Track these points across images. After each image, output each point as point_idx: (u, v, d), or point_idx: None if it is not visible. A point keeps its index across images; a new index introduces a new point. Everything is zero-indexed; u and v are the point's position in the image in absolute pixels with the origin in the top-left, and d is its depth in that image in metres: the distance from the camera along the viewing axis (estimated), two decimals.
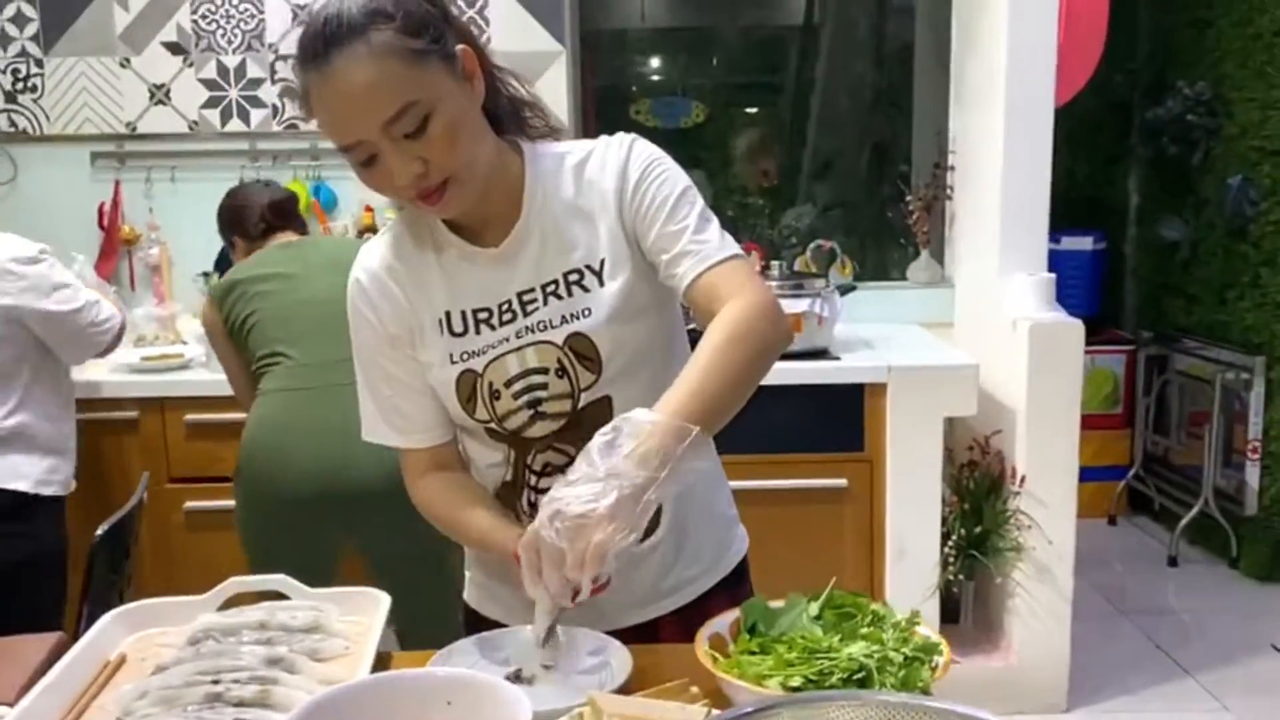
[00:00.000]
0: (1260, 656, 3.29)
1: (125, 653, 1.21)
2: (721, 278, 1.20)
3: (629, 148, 1.27)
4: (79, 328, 2.36)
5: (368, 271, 1.31)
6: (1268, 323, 3.82)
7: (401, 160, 1.13)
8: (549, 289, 1.25)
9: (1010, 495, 2.96)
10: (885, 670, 0.97)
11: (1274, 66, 3.74)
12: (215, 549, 2.77)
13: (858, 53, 4.47)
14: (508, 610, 1.36)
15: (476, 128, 1.19)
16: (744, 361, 1.14)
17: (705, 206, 1.26)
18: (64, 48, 3.33)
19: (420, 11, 1.14)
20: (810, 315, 2.93)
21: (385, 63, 1.10)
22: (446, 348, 1.27)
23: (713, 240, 1.23)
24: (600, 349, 1.24)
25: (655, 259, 1.25)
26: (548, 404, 1.26)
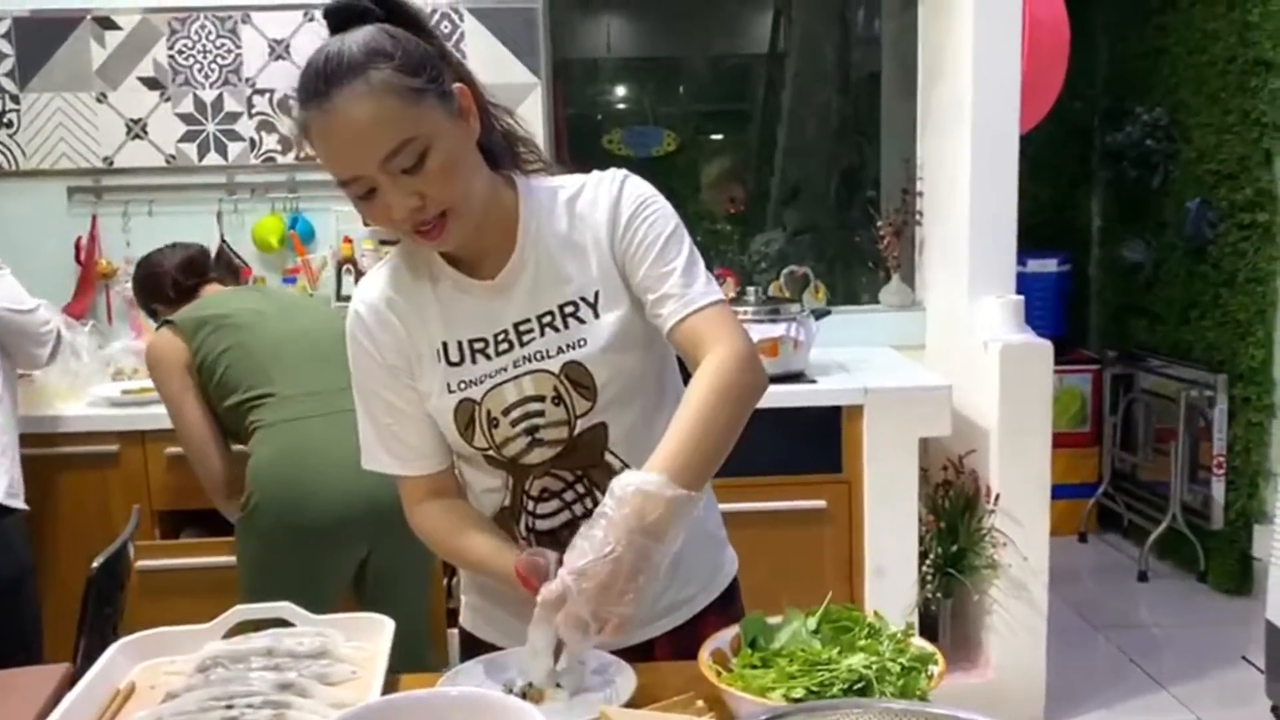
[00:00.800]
0: (1231, 667, 3.35)
1: (135, 681, 1.22)
2: (705, 323, 1.24)
3: (621, 185, 1.31)
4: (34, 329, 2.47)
5: (366, 303, 1.34)
6: (1229, 341, 3.92)
7: (399, 195, 1.16)
8: (545, 320, 1.29)
9: (985, 513, 3.02)
10: (884, 680, 1.00)
11: (1227, 93, 3.86)
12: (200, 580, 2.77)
13: (824, 81, 4.56)
14: (505, 633, 1.38)
15: (472, 163, 1.23)
16: (733, 416, 1.20)
17: (693, 248, 1.30)
18: (40, 83, 3.33)
19: (418, 52, 1.17)
20: (786, 340, 2.98)
21: (384, 100, 1.13)
22: (444, 377, 1.30)
23: (698, 285, 1.26)
24: (596, 377, 1.28)
25: (642, 296, 1.29)
26: (545, 431, 1.29)
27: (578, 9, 4.26)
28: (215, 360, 2.38)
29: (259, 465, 2.32)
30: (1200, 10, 3.99)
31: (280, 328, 2.42)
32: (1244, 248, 3.81)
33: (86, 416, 2.88)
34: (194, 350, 2.38)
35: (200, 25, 3.35)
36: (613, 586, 1.05)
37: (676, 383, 1.41)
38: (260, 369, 2.37)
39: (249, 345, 2.39)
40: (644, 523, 1.07)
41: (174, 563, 2.75)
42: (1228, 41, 3.84)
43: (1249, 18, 3.71)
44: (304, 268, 3.33)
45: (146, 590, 2.64)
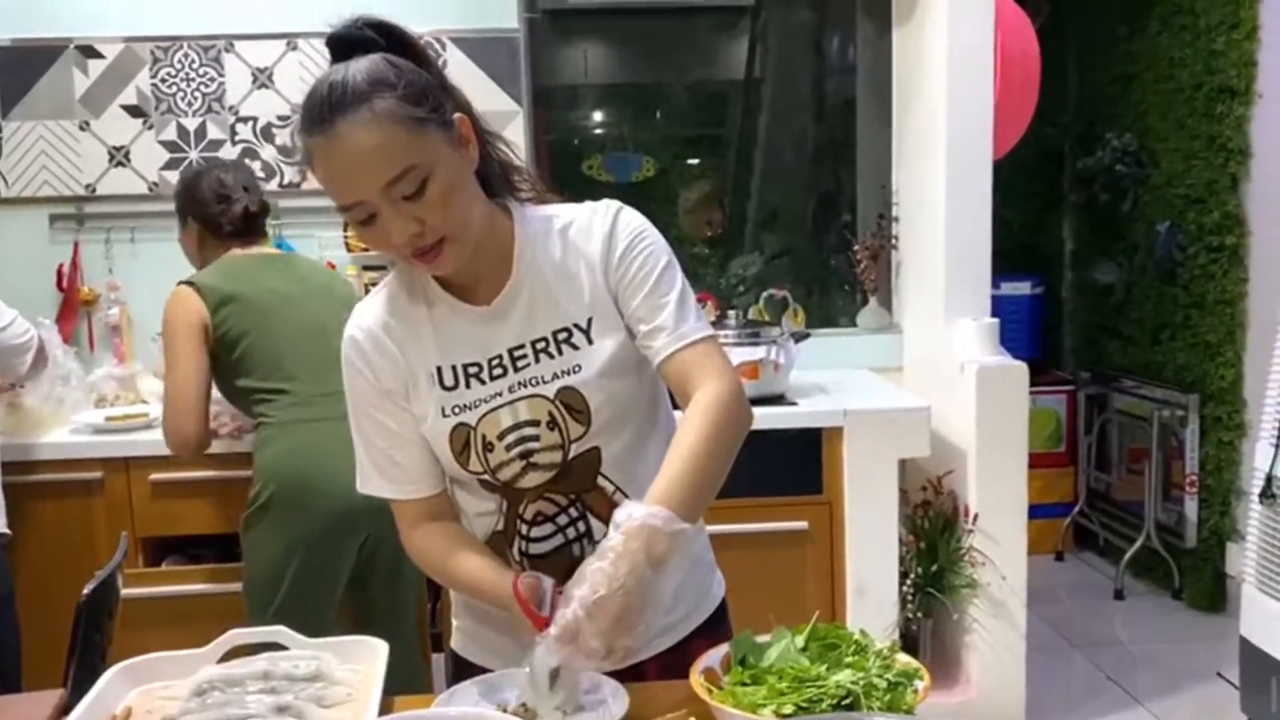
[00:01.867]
0: (1206, 683, 3.41)
1: (131, 706, 1.24)
2: (696, 358, 1.28)
3: (615, 216, 1.34)
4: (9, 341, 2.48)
5: (363, 329, 1.36)
6: (1199, 361, 3.99)
7: (399, 220, 1.19)
8: (539, 346, 1.32)
9: (964, 533, 3.06)
10: (871, 695, 1.04)
11: (1194, 119, 3.95)
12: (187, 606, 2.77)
13: (800, 107, 4.62)
14: (495, 655, 1.40)
15: (470, 190, 1.26)
16: (727, 451, 1.25)
17: (685, 283, 1.34)
18: (23, 111, 3.34)
19: (420, 82, 1.20)
20: (767, 362, 3.02)
21: (387, 128, 1.16)
22: (439, 401, 1.33)
23: (690, 320, 1.30)
24: (590, 402, 1.30)
25: (634, 327, 1.32)
26: (539, 455, 1.32)
27: (558, 37, 4.30)
28: (235, 338, 2.41)
29: (268, 462, 2.40)
30: (1167, 39, 4.08)
31: (299, 319, 2.44)
32: (1213, 270, 3.89)
33: (70, 443, 2.87)
34: (215, 322, 2.40)
35: (183, 54, 3.37)
36: (625, 619, 1.08)
37: (668, 408, 1.45)
38: (276, 362, 2.42)
39: (268, 333, 2.42)
40: (650, 556, 1.10)
41: (157, 591, 2.75)
42: (1194, 69, 3.93)
43: (1214, 46, 3.81)
44: None
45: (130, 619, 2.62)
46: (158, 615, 2.63)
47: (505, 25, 3.46)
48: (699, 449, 1.21)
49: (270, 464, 2.41)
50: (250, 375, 2.44)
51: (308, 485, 2.37)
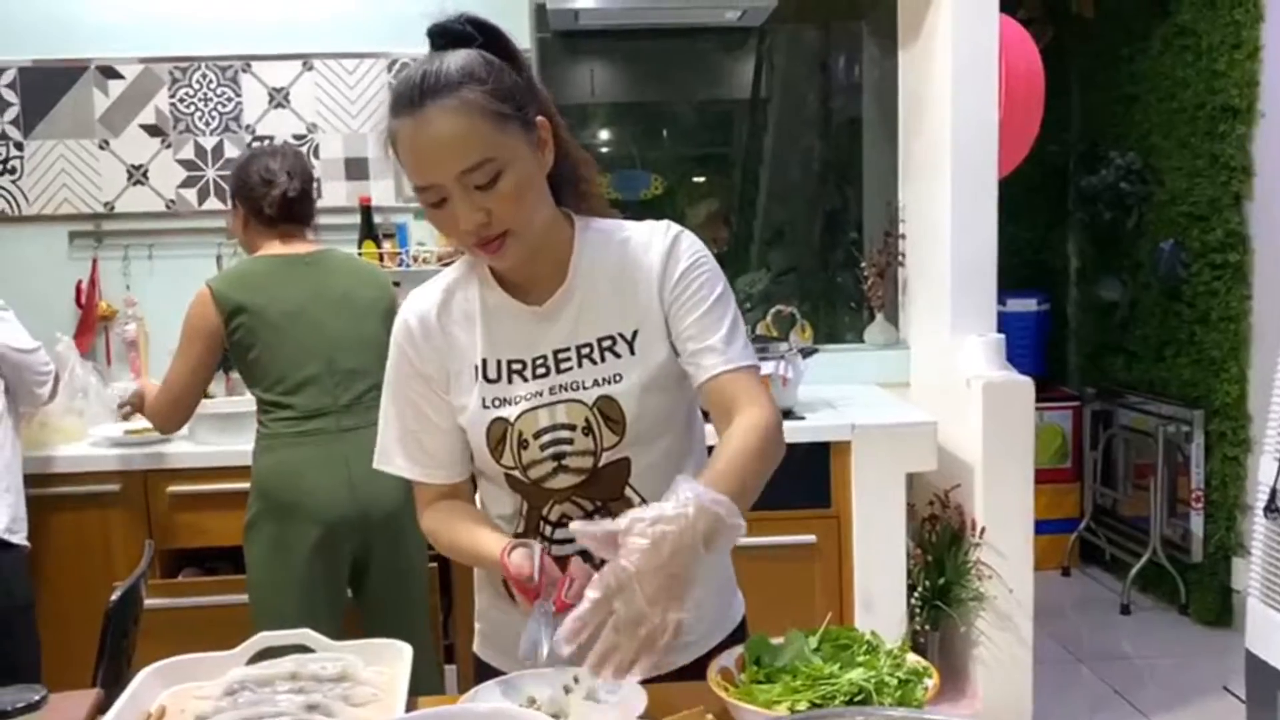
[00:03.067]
0: (1213, 698, 3.42)
1: (164, 705, 1.27)
2: (741, 383, 1.31)
3: (676, 237, 1.38)
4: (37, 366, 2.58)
5: (417, 315, 1.41)
6: (1204, 377, 4.02)
7: (468, 208, 1.24)
8: (583, 351, 1.36)
9: (971, 546, 3.09)
10: (883, 692, 1.07)
11: (1197, 138, 3.99)
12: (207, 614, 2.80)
13: (806, 126, 4.67)
14: (513, 658, 1.43)
15: (540, 191, 1.31)
16: (765, 472, 1.27)
17: (738, 313, 1.38)
18: (44, 131, 3.41)
19: (509, 81, 1.26)
20: (776, 377, 3.06)
21: (471, 118, 1.21)
22: (480, 393, 1.37)
23: (739, 346, 1.34)
24: (627, 413, 1.34)
25: (681, 344, 1.35)
26: (571, 459, 1.36)
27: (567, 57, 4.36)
28: (245, 348, 2.47)
29: (259, 475, 2.46)
30: (1170, 59, 4.13)
31: (304, 336, 2.47)
32: (1216, 287, 3.93)
33: (89, 456, 2.92)
34: (228, 331, 2.46)
35: (201, 74, 3.44)
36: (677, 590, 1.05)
37: (701, 431, 1.48)
38: (279, 376, 2.46)
39: (274, 347, 2.46)
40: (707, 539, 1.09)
41: (174, 602, 2.78)
42: (1197, 89, 3.98)
43: (1216, 66, 3.86)
44: None
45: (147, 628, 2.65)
46: (175, 625, 2.67)
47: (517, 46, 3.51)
48: (744, 456, 1.23)
49: (261, 477, 2.47)
50: (257, 385, 2.51)
51: (296, 500, 2.42)
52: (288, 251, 2.55)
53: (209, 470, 2.89)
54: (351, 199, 3.41)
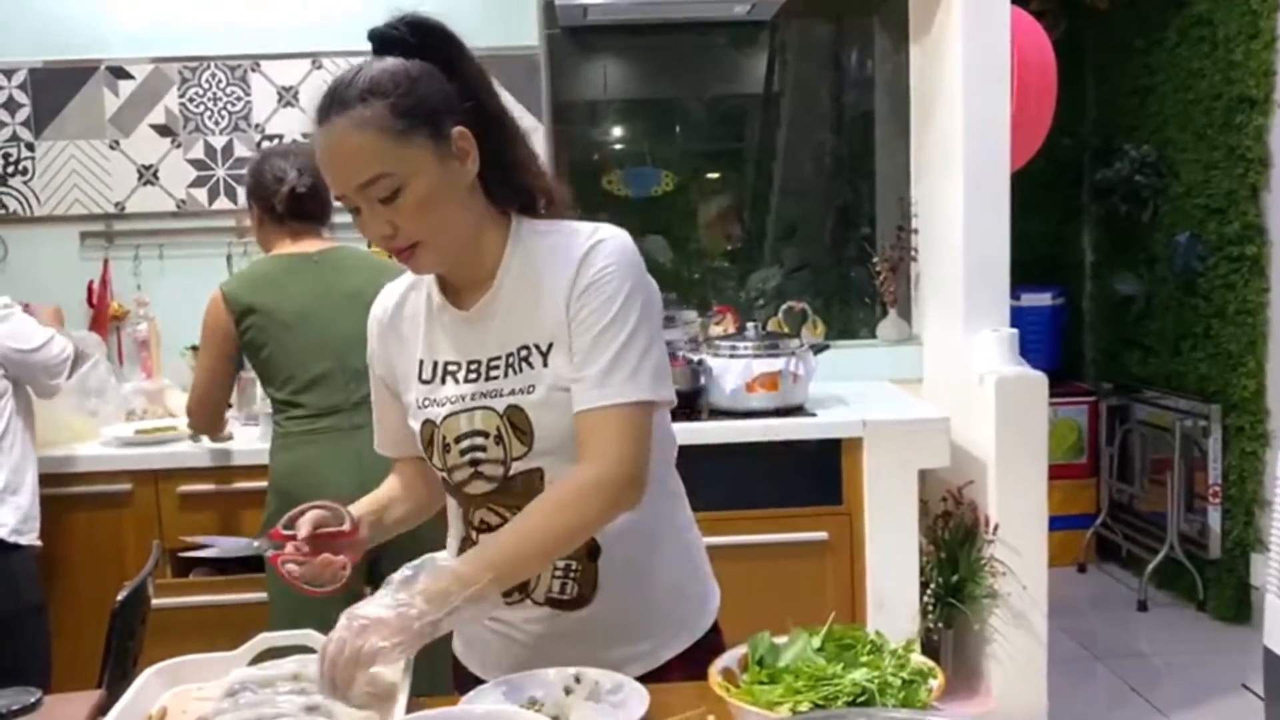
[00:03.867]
0: (1231, 695, 3.39)
1: (166, 706, 1.27)
2: (597, 425, 1.26)
3: (593, 246, 1.31)
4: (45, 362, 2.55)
5: (377, 313, 1.47)
6: (1221, 371, 3.99)
7: (373, 220, 1.26)
8: (509, 360, 1.33)
9: (984, 543, 3.06)
10: (886, 693, 1.06)
11: (1213, 129, 3.95)
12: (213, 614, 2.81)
13: (819, 121, 4.64)
14: (490, 663, 1.43)
15: (454, 201, 1.28)
16: (562, 534, 1.25)
17: (637, 334, 1.28)
18: (54, 132, 3.42)
19: (421, 94, 1.24)
20: (786, 374, 3.04)
21: (366, 134, 1.22)
22: (417, 393, 1.39)
23: (616, 380, 1.26)
24: (534, 425, 1.31)
25: (571, 366, 1.30)
26: (485, 466, 1.35)
27: (577, 53, 4.35)
28: (257, 348, 2.50)
29: (275, 474, 2.49)
30: (1186, 49, 4.09)
31: (313, 336, 2.48)
32: (1233, 280, 3.89)
33: (100, 456, 2.93)
34: (239, 332, 2.49)
35: (210, 74, 3.44)
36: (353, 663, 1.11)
37: None
38: (289, 376, 2.48)
39: (285, 347, 2.48)
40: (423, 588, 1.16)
41: (185, 600, 2.80)
42: (1213, 80, 3.94)
43: (1233, 56, 3.82)
44: None
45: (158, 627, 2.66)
46: (185, 624, 2.68)
47: (525, 42, 3.51)
48: (529, 525, 1.24)
49: (278, 475, 2.49)
50: (269, 384, 2.53)
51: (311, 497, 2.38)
52: (297, 250, 2.55)
53: (219, 470, 2.90)
54: None
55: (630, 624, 1.39)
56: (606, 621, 1.37)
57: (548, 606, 1.37)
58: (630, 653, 1.38)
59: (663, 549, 1.42)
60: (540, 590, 1.36)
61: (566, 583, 1.36)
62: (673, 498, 1.47)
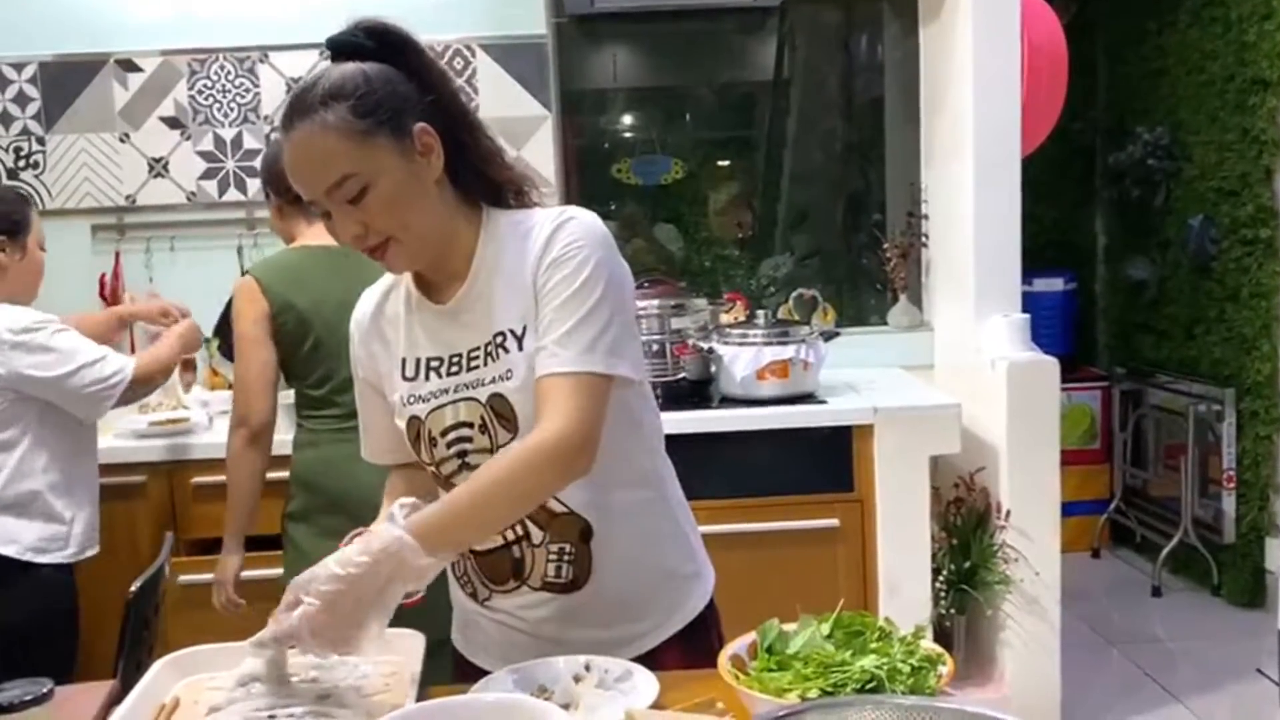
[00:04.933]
0: (1246, 680, 3.38)
1: (179, 696, 1.28)
2: (552, 390, 1.26)
3: (559, 225, 1.33)
4: (76, 389, 2.37)
5: (358, 317, 1.48)
6: (1235, 355, 3.96)
7: (343, 221, 1.28)
8: (487, 348, 1.35)
9: (996, 530, 3.06)
10: (895, 679, 1.05)
11: (1226, 111, 3.92)
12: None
13: (829, 107, 4.63)
14: (485, 651, 1.45)
15: (421, 197, 1.29)
16: (510, 502, 1.26)
17: (600, 307, 1.29)
18: (65, 125, 3.43)
19: (380, 94, 1.26)
20: (796, 361, 3.04)
21: (330, 138, 1.23)
22: (401, 391, 1.40)
23: (575, 348, 1.27)
24: (517, 411, 1.32)
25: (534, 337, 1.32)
26: (472, 456, 1.36)
27: (585, 42, 4.34)
28: (291, 344, 2.43)
29: (300, 470, 2.45)
30: (1198, 31, 4.06)
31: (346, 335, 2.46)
32: (1247, 263, 3.86)
33: (114, 448, 2.94)
34: (278, 323, 2.42)
35: (219, 66, 3.45)
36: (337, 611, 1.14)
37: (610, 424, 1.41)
38: (319, 375, 2.45)
39: (318, 346, 2.44)
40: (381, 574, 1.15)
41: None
42: (1225, 61, 3.91)
43: (1246, 38, 3.78)
44: None
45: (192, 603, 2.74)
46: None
47: (533, 31, 3.50)
48: (476, 492, 1.23)
49: (304, 469, 2.46)
50: (301, 380, 2.48)
51: (344, 490, 2.39)
52: (324, 242, 2.53)
53: None
54: None
55: (626, 605, 1.41)
56: (602, 603, 1.39)
57: (544, 591, 1.38)
58: (628, 633, 1.40)
59: (656, 530, 1.45)
60: (535, 575, 1.38)
61: (561, 566, 1.37)
62: (663, 479, 1.47)
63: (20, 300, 2.43)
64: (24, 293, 2.45)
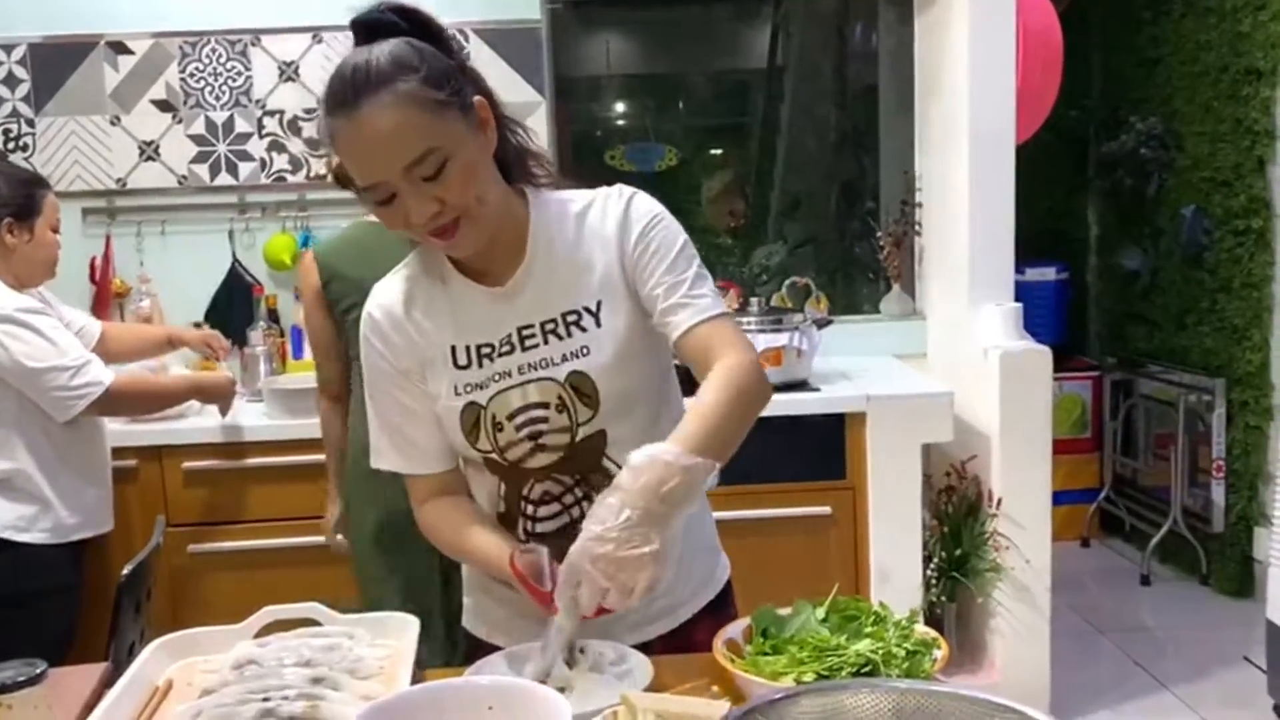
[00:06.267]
0: (1234, 668, 3.39)
1: (172, 678, 1.27)
2: (715, 332, 1.30)
3: (630, 200, 1.36)
4: (43, 388, 2.31)
5: (382, 307, 1.39)
6: (1226, 346, 3.97)
7: (419, 200, 1.21)
8: (548, 327, 1.34)
9: (988, 518, 3.07)
10: (890, 664, 1.06)
11: (1220, 101, 3.92)
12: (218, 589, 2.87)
13: (823, 95, 4.62)
14: (505, 633, 1.43)
15: (488, 172, 1.28)
16: (745, 414, 1.27)
17: (701, 265, 1.35)
18: (55, 107, 3.40)
19: (442, 66, 1.23)
20: (790, 349, 3.04)
21: (409, 111, 1.18)
22: (452, 380, 1.35)
23: (707, 296, 1.32)
24: (599, 387, 1.32)
25: (651, 305, 1.33)
26: (547, 437, 1.34)
27: (579, 28, 4.32)
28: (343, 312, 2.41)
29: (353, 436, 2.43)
30: (1193, 21, 4.06)
31: None
32: (1239, 254, 3.87)
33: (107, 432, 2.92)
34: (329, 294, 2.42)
35: (211, 49, 3.42)
36: (630, 552, 1.09)
37: (676, 394, 1.46)
38: None
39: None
40: (661, 490, 1.12)
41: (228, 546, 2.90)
42: (1220, 51, 3.91)
43: (1240, 28, 3.78)
44: None
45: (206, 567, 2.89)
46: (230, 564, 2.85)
47: (527, 16, 3.49)
48: (718, 405, 1.22)
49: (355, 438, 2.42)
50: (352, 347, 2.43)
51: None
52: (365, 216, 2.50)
53: (225, 446, 2.90)
54: None
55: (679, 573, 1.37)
56: None
57: None
58: (667, 605, 1.41)
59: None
60: None
61: None
62: None
63: (25, 284, 2.41)
64: (29, 277, 2.42)
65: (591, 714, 1.05)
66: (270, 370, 3.25)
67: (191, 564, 2.89)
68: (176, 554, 2.86)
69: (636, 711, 1.00)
